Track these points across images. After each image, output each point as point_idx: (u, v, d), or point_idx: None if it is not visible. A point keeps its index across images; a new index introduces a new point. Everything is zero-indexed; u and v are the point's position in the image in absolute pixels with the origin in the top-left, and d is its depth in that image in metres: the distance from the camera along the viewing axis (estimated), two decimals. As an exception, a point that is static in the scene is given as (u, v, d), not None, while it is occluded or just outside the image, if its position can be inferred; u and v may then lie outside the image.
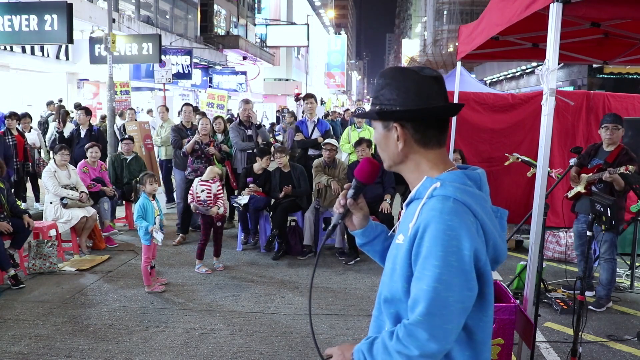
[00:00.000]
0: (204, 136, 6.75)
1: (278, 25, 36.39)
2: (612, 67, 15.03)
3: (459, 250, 1.20)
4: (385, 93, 1.36)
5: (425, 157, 1.37)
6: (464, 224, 1.21)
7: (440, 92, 1.35)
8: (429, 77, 1.34)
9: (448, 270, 1.19)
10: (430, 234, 1.22)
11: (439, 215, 1.22)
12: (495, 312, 2.82)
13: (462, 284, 1.20)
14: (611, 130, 4.63)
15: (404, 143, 1.36)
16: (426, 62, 41.32)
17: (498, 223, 1.36)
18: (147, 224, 4.95)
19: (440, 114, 1.36)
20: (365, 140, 6.07)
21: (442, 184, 1.28)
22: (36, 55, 13.97)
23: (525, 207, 6.56)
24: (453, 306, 1.19)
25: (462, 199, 1.25)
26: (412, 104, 1.32)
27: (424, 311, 1.19)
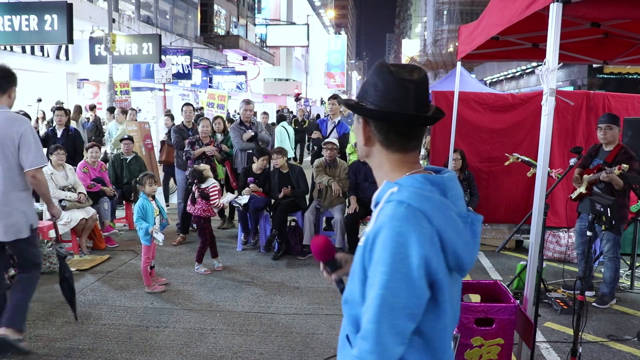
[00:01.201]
0: (204, 137, 6.76)
1: (278, 25, 36.41)
2: (612, 67, 15.05)
3: (407, 257, 1.18)
4: (365, 87, 1.36)
5: (387, 159, 1.36)
6: (415, 231, 1.19)
7: (413, 99, 1.30)
8: (405, 80, 1.30)
9: (395, 277, 1.18)
10: (380, 240, 1.22)
11: (390, 221, 1.22)
12: (496, 312, 2.82)
13: (410, 291, 1.19)
14: (604, 131, 4.67)
15: (366, 140, 1.37)
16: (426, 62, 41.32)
17: (469, 229, 1.31)
18: (148, 225, 4.95)
19: (397, 121, 1.31)
20: None
21: (399, 188, 1.27)
22: (36, 55, 13.97)
23: (525, 207, 6.57)
24: (400, 312, 1.19)
25: (417, 205, 1.22)
26: (376, 103, 1.31)
27: (372, 318, 1.20)
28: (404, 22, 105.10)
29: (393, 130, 1.33)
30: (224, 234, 7.28)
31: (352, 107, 1.37)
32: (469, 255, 1.29)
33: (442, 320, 1.27)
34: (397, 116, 1.30)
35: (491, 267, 5.99)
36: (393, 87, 1.29)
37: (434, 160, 6.76)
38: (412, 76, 1.31)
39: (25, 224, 3.53)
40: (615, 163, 4.47)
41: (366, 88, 1.35)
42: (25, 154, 3.45)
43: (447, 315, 1.27)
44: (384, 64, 1.34)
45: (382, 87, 1.30)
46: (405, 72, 1.31)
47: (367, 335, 1.21)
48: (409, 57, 52.18)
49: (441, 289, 1.24)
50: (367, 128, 1.36)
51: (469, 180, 6.33)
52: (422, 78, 1.32)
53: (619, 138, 4.81)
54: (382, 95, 1.30)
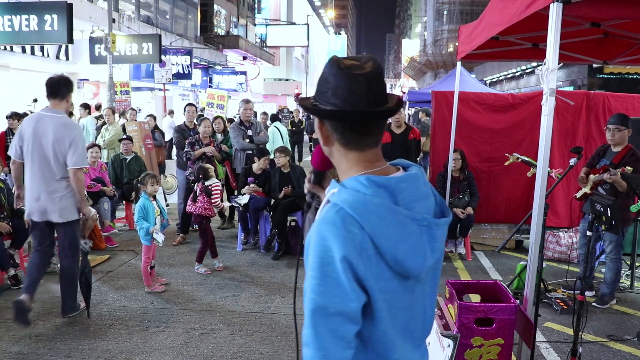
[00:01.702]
0: (204, 138, 6.76)
1: (278, 25, 36.41)
2: (612, 67, 15.05)
3: (334, 261, 1.16)
4: (317, 86, 1.31)
5: (345, 157, 1.32)
6: (340, 237, 1.16)
7: (365, 94, 1.24)
8: (356, 75, 1.23)
9: (325, 281, 1.16)
10: (311, 244, 1.21)
11: (319, 224, 1.21)
12: (496, 312, 2.82)
13: (342, 295, 1.16)
14: (612, 132, 4.62)
15: (325, 139, 1.33)
16: (426, 62, 41.33)
17: (425, 233, 1.25)
18: (148, 225, 4.95)
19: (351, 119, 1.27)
20: None
21: (339, 189, 1.23)
22: (36, 55, 13.96)
23: (525, 207, 6.57)
24: (337, 316, 1.16)
25: (350, 209, 1.18)
26: (329, 102, 1.26)
27: (308, 323, 1.18)
28: (404, 22, 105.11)
29: (348, 129, 1.28)
30: (224, 234, 7.28)
31: (306, 108, 1.33)
32: (417, 260, 1.23)
33: (379, 326, 1.23)
34: (349, 114, 1.25)
35: (491, 267, 5.99)
36: (344, 83, 1.24)
37: (434, 161, 6.75)
38: (363, 69, 1.25)
39: (74, 207, 4.20)
40: (622, 165, 4.44)
41: (319, 85, 1.29)
42: (72, 155, 4.04)
43: (383, 322, 1.22)
44: (335, 59, 1.28)
45: (334, 84, 1.25)
46: (357, 66, 1.26)
47: (308, 341, 1.19)
48: (409, 57, 52.16)
49: (372, 295, 1.19)
50: (323, 128, 1.32)
51: (469, 180, 6.34)
52: (375, 69, 1.26)
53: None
54: (334, 93, 1.25)
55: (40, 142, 4.03)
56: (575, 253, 6.11)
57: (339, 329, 1.17)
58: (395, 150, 6.47)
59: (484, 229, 6.91)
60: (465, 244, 6.32)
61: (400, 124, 6.67)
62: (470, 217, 6.17)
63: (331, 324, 1.16)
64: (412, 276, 1.26)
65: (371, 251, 1.18)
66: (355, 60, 1.28)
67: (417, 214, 1.24)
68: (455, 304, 2.87)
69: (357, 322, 1.19)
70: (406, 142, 6.66)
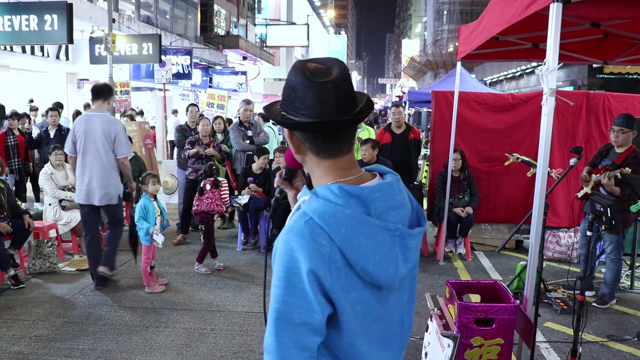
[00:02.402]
0: (203, 137, 6.76)
1: (278, 25, 36.37)
2: (612, 67, 15.05)
3: (300, 273, 1.14)
4: (284, 94, 1.27)
5: (318, 165, 1.29)
6: (307, 248, 1.14)
7: (334, 102, 1.21)
8: (323, 82, 1.20)
9: (290, 292, 1.15)
10: (277, 253, 1.19)
11: (286, 234, 1.18)
12: (495, 312, 2.82)
13: (307, 306, 1.14)
14: (616, 134, 4.59)
15: (296, 149, 1.31)
16: (426, 62, 41.32)
17: (398, 243, 1.23)
18: (149, 226, 4.95)
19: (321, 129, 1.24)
20: (371, 140, 6.07)
21: (310, 198, 1.20)
22: (36, 55, 13.96)
23: (525, 207, 6.57)
24: (301, 327, 1.15)
25: (319, 220, 1.15)
26: (297, 113, 1.23)
27: (271, 332, 1.17)
28: (404, 22, 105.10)
29: (320, 138, 1.25)
30: (224, 234, 7.28)
31: (275, 120, 1.30)
32: (388, 271, 1.21)
33: (344, 337, 1.21)
34: (320, 125, 1.22)
35: (491, 267, 5.99)
36: (312, 92, 1.20)
37: (434, 161, 6.75)
38: (330, 75, 1.21)
39: (115, 194, 4.96)
40: (623, 166, 4.42)
41: (286, 94, 1.25)
42: (118, 147, 4.86)
43: (349, 333, 1.20)
44: (300, 65, 1.25)
45: (302, 95, 1.21)
46: (323, 71, 1.22)
47: (270, 349, 1.17)
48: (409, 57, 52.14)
49: (339, 308, 1.17)
50: (294, 137, 1.29)
51: (469, 180, 6.34)
52: (342, 74, 1.22)
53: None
54: (302, 102, 1.21)
55: (91, 137, 4.80)
56: (575, 253, 6.11)
57: (303, 339, 1.15)
58: (396, 150, 6.47)
59: (484, 229, 6.91)
60: (465, 244, 6.32)
61: (400, 124, 6.67)
62: (470, 217, 6.17)
63: (295, 334, 1.15)
64: (383, 286, 1.24)
65: (340, 263, 1.16)
66: (320, 64, 1.25)
67: (389, 224, 1.22)
68: (455, 304, 2.86)
69: (321, 333, 1.18)
70: (407, 142, 6.66)
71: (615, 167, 4.51)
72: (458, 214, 6.11)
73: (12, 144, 7.87)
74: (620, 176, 4.30)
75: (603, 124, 6.63)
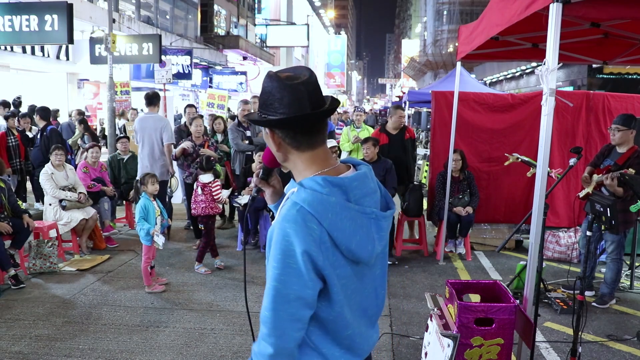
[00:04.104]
0: (196, 138, 6.71)
1: (278, 26, 36.36)
2: (611, 67, 15.05)
3: (295, 254, 1.32)
4: (261, 100, 1.44)
5: (299, 158, 1.46)
6: (301, 232, 1.31)
7: (307, 99, 1.40)
8: (296, 84, 1.40)
9: (286, 271, 1.32)
10: (274, 238, 1.36)
11: (281, 221, 1.36)
12: (495, 312, 2.82)
13: (301, 283, 1.32)
14: (613, 131, 4.59)
15: (277, 146, 1.47)
16: (426, 62, 41.33)
17: (373, 224, 1.43)
18: (149, 226, 4.95)
19: (300, 123, 1.42)
20: (371, 139, 6.07)
21: (299, 189, 1.38)
22: (36, 56, 13.98)
23: (525, 207, 6.57)
24: (295, 302, 1.33)
25: (309, 208, 1.33)
26: (278, 111, 1.40)
27: (268, 307, 1.36)
28: (404, 22, 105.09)
29: (299, 132, 1.43)
30: (224, 234, 7.28)
31: (257, 121, 1.45)
32: (366, 248, 1.41)
33: (335, 307, 1.40)
34: (299, 119, 1.40)
35: (491, 267, 5.99)
36: (287, 93, 1.39)
37: (434, 161, 6.75)
38: (300, 79, 1.41)
39: (166, 173, 6.74)
40: (625, 166, 4.41)
41: (264, 99, 1.43)
42: (165, 136, 6.62)
43: (338, 304, 1.40)
44: (273, 74, 1.44)
45: (278, 96, 1.40)
46: (293, 77, 1.42)
47: (266, 321, 1.37)
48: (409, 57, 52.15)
49: (330, 282, 1.36)
50: (275, 136, 1.46)
51: (469, 180, 6.34)
52: (310, 77, 1.43)
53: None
54: (280, 103, 1.39)
55: (146, 132, 6.58)
56: (575, 253, 6.11)
57: (297, 312, 1.34)
58: (393, 150, 6.47)
59: (483, 229, 6.91)
60: (465, 244, 6.32)
61: (397, 126, 6.65)
62: (470, 217, 6.17)
63: (290, 308, 1.34)
64: (362, 262, 1.44)
65: (328, 244, 1.35)
66: (290, 72, 1.44)
67: (366, 209, 1.42)
68: (455, 304, 2.87)
69: (312, 307, 1.36)
70: (403, 142, 6.66)
71: (617, 167, 4.50)
72: (459, 213, 6.11)
73: (13, 145, 7.87)
74: (622, 177, 4.28)
75: (603, 124, 6.63)
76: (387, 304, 4.77)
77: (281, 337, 1.35)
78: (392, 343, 3.99)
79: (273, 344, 1.36)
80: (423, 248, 6.47)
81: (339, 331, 1.44)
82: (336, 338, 1.45)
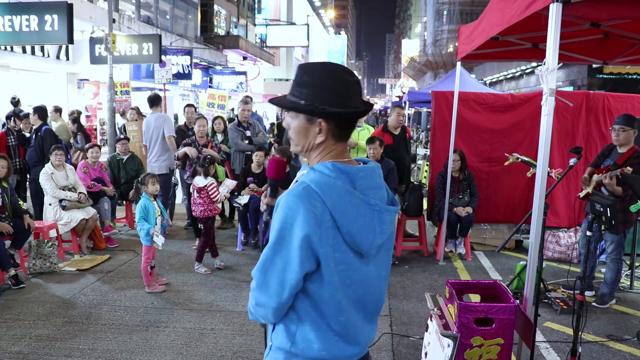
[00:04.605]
0: (200, 138, 6.70)
1: (278, 26, 36.34)
2: (611, 67, 15.05)
3: (292, 228, 1.41)
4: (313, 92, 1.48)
5: (329, 149, 1.54)
6: (303, 208, 1.39)
7: (360, 95, 1.53)
8: (352, 81, 1.50)
9: (279, 242, 1.44)
10: (277, 209, 1.46)
11: (286, 195, 1.44)
12: (495, 312, 2.82)
13: (288, 256, 1.42)
14: (617, 132, 4.58)
15: (325, 136, 1.52)
16: (426, 62, 41.33)
17: (376, 216, 1.49)
18: (149, 227, 4.94)
19: (358, 116, 1.53)
20: (377, 138, 6.07)
21: (309, 171, 1.47)
22: (36, 56, 13.96)
23: (525, 207, 6.57)
24: (278, 271, 1.45)
25: (315, 187, 1.41)
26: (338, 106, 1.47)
27: (258, 267, 1.50)
28: (404, 22, 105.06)
29: (349, 125, 1.55)
30: (224, 234, 7.28)
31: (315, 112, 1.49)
32: (367, 236, 1.47)
33: (327, 289, 1.47)
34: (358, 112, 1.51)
35: (491, 267, 5.99)
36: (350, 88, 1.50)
37: (434, 161, 6.75)
38: (352, 76, 1.51)
39: (166, 167, 7.28)
40: (625, 165, 4.41)
41: (319, 93, 1.48)
42: (166, 129, 7.24)
43: (331, 285, 1.46)
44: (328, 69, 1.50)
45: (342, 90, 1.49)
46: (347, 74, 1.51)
47: (255, 280, 1.52)
48: (409, 57, 52.14)
49: (324, 262, 1.43)
50: (328, 127, 1.51)
51: (468, 180, 6.33)
52: (358, 78, 1.55)
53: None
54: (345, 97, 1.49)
55: (151, 130, 7.24)
56: (575, 253, 6.11)
57: (285, 277, 1.44)
58: (397, 149, 6.49)
59: (483, 229, 6.91)
60: (465, 244, 6.32)
61: (396, 124, 6.66)
62: (470, 217, 6.17)
63: (277, 272, 1.45)
64: (364, 251, 1.49)
65: (329, 224, 1.41)
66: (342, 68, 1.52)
67: (370, 200, 1.49)
68: (455, 304, 2.87)
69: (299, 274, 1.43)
70: (405, 141, 6.68)
71: (617, 166, 4.49)
72: (459, 213, 6.11)
73: (12, 144, 7.87)
74: (620, 176, 4.28)
75: (603, 124, 6.63)
76: (387, 304, 4.77)
77: (265, 294, 1.48)
78: (392, 343, 3.99)
79: (257, 297, 1.50)
80: (423, 248, 6.47)
81: (332, 315, 1.49)
82: (330, 322, 1.50)
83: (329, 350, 1.50)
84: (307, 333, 1.50)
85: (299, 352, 1.51)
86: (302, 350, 1.50)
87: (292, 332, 1.52)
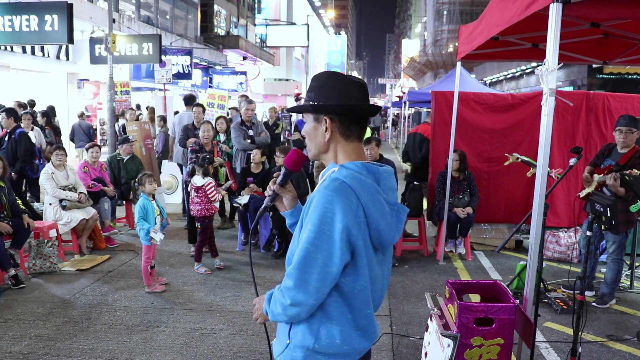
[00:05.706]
0: (205, 143, 6.67)
1: (278, 26, 36.35)
2: (611, 67, 15.06)
3: (332, 222, 1.44)
4: (318, 92, 1.60)
5: (344, 149, 1.61)
6: (341, 202, 1.44)
7: (363, 95, 1.61)
8: (354, 82, 1.60)
9: (319, 236, 1.45)
10: (313, 204, 1.49)
11: (323, 190, 1.48)
12: (495, 312, 2.82)
13: (330, 249, 1.45)
14: (625, 134, 4.56)
15: (330, 134, 1.60)
16: (426, 62, 41.31)
17: (394, 215, 1.58)
18: (149, 226, 4.94)
19: (362, 112, 1.61)
20: (374, 138, 6.08)
21: (340, 169, 1.53)
22: (36, 56, 13.97)
23: (525, 207, 6.57)
24: (319, 266, 1.45)
25: (349, 182, 1.47)
26: (340, 101, 1.57)
27: (295, 265, 1.48)
28: (404, 22, 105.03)
29: (354, 122, 1.61)
30: (224, 234, 7.28)
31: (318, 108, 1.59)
32: (390, 233, 1.56)
33: (360, 281, 1.52)
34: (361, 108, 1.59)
35: (491, 267, 5.99)
36: (350, 87, 1.58)
37: (434, 161, 6.75)
38: (356, 79, 1.62)
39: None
40: (628, 166, 4.39)
41: (320, 93, 1.59)
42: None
43: (364, 277, 1.52)
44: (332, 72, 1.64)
45: (341, 88, 1.58)
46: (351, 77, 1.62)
47: (292, 277, 1.49)
48: (409, 57, 52.12)
49: (359, 254, 1.49)
50: (332, 124, 1.60)
51: (469, 180, 6.33)
52: (363, 81, 1.64)
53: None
54: (343, 94, 1.57)
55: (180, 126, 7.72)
56: (575, 253, 6.11)
57: (316, 277, 1.46)
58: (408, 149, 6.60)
59: (483, 229, 6.91)
60: (465, 244, 6.32)
61: None
62: (470, 217, 6.17)
63: (312, 271, 1.46)
64: (385, 247, 1.58)
65: (362, 219, 1.48)
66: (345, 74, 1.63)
67: (391, 199, 1.59)
68: (455, 304, 2.87)
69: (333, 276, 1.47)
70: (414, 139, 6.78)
71: (619, 167, 4.49)
72: (458, 214, 6.11)
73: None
74: (627, 178, 4.25)
75: (603, 124, 6.63)
76: (387, 304, 4.77)
77: (303, 292, 1.47)
78: (392, 343, 3.99)
79: (293, 297, 1.49)
80: (423, 248, 6.47)
81: (362, 308, 1.55)
82: (357, 315, 1.55)
83: (350, 345, 1.55)
84: (331, 329, 1.54)
85: (322, 349, 1.54)
86: (325, 346, 1.54)
87: (315, 329, 1.54)
